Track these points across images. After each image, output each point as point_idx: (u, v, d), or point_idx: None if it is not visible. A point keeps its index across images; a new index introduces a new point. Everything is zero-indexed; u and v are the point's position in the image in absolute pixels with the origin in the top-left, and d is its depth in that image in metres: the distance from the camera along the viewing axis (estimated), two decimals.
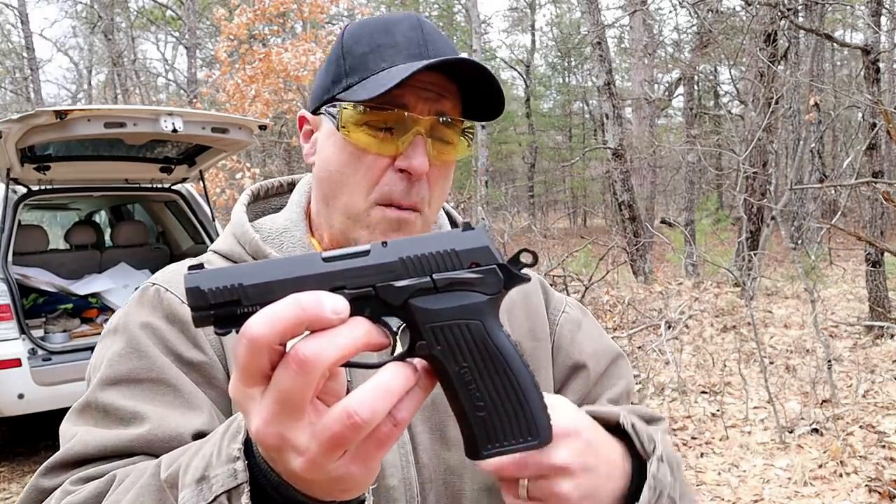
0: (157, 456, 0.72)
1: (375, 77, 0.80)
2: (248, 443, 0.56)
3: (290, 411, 0.46)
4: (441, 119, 0.82)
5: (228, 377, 0.83)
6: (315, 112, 0.88)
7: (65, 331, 5.00)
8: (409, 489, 0.83)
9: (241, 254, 0.89)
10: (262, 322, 0.44)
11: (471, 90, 0.82)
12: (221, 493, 0.55)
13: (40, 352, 4.48)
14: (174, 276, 0.89)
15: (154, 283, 0.88)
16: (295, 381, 0.45)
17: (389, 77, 0.77)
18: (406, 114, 0.80)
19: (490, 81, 0.80)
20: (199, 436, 0.76)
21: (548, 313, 0.99)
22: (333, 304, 0.45)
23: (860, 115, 10.06)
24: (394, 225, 0.83)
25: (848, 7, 13.26)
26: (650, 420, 0.92)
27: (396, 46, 0.81)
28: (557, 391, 0.95)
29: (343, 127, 0.82)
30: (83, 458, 0.77)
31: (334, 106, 0.83)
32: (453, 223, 1.04)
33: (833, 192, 11.47)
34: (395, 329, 0.50)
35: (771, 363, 6.06)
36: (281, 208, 1.00)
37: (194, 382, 0.82)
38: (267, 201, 1.04)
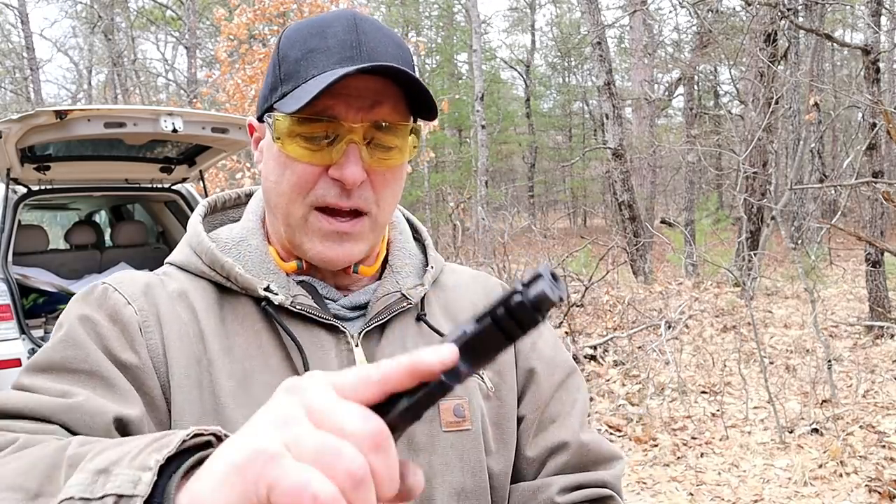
0: (73, 432, 0.69)
1: (304, 86, 0.79)
2: (169, 461, 0.49)
3: None
4: (378, 124, 0.80)
5: (161, 385, 0.81)
6: (260, 119, 0.88)
7: None
8: None
9: (198, 264, 0.89)
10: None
11: (412, 89, 0.81)
12: (109, 495, 0.48)
13: None
14: (126, 278, 0.88)
15: (104, 283, 0.87)
16: None
17: (314, 86, 0.76)
18: (337, 123, 0.79)
19: (416, 81, 0.78)
20: (120, 420, 0.73)
21: None
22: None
23: (860, 115, 10.05)
24: (332, 237, 0.83)
25: (848, 7, 13.27)
26: (609, 459, 0.92)
27: (328, 51, 0.80)
28: (518, 397, 0.94)
29: (278, 138, 0.81)
30: None
31: (271, 116, 0.83)
32: (412, 227, 1.03)
33: (833, 192, 11.47)
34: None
35: (771, 363, 6.07)
36: (239, 219, 0.99)
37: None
38: (225, 213, 1.03)
